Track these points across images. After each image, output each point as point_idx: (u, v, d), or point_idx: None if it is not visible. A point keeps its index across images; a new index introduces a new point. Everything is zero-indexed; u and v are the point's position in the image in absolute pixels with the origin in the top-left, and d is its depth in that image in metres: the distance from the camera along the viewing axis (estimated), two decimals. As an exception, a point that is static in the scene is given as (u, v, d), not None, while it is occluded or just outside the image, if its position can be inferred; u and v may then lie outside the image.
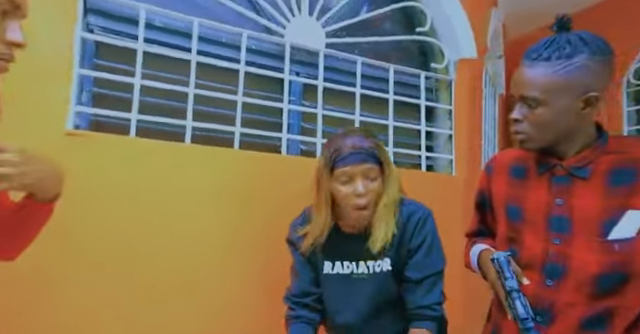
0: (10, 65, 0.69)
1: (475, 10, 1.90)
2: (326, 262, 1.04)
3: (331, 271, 1.04)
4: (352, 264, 1.03)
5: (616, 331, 0.81)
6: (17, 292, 1.05)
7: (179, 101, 1.33)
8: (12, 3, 0.66)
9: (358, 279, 1.02)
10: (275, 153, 1.43)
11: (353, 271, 1.03)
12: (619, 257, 0.81)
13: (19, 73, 0.72)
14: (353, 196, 0.95)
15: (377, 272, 1.02)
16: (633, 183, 0.83)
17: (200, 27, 1.36)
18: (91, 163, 1.15)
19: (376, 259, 1.01)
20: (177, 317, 1.23)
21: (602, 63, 0.83)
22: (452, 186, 1.73)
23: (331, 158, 0.95)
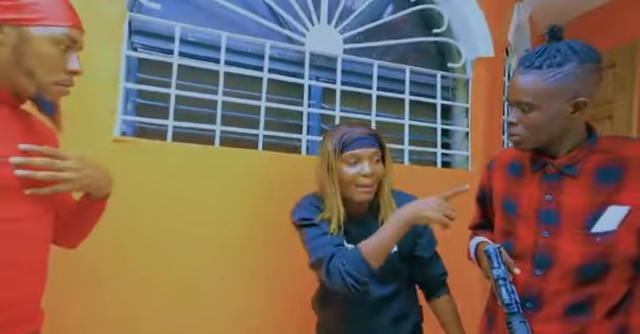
0: (70, 89, 0.87)
1: (494, 7, 1.94)
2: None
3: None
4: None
5: (596, 316, 0.88)
6: (75, 284, 1.25)
7: (209, 108, 1.49)
8: (72, 40, 0.83)
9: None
10: (296, 153, 1.56)
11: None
12: (600, 249, 0.88)
13: (74, 88, 0.89)
14: (360, 176, 1.04)
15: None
16: (617, 181, 0.89)
17: (228, 40, 1.51)
18: (135, 166, 1.33)
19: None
20: (207, 320, 1.39)
21: (590, 70, 0.90)
22: (468, 181, 1.77)
23: (340, 142, 1.04)
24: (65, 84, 0.85)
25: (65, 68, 0.83)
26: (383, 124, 1.76)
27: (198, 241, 1.39)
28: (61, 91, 0.85)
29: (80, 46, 0.86)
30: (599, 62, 0.91)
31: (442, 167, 1.83)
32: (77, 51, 0.85)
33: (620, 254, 0.87)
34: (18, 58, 0.78)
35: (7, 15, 0.77)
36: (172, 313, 1.35)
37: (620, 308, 0.89)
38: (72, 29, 0.83)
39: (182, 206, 1.38)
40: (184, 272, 1.37)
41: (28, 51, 0.79)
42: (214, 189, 1.42)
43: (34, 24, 0.78)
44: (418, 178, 1.72)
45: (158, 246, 1.34)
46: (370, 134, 1.07)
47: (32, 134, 0.86)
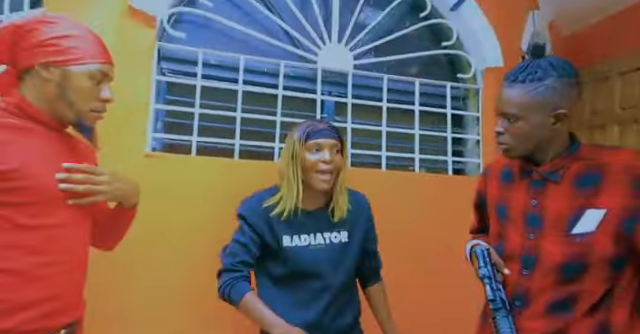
0: (104, 114, 1.03)
1: (503, 18, 1.99)
2: (285, 236, 1.18)
3: (290, 244, 1.18)
4: (310, 236, 1.20)
5: (578, 313, 0.93)
6: (113, 279, 1.42)
7: (229, 124, 1.64)
8: (104, 74, 0.98)
9: (315, 250, 1.19)
10: (310, 163, 1.68)
11: (310, 243, 1.19)
12: (578, 249, 0.93)
13: (111, 110, 1.05)
14: (320, 162, 1.14)
15: (334, 242, 1.20)
16: (595, 185, 0.95)
17: (245, 61, 1.66)
18: (164, 177, 1.50)
19: (332, 231, 1.20)
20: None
21: (568, 84, 0.96)
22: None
23: (305, 132, 1.16)
24: (99, 111, 1.00)
25: (99, 97, 0.99)
26: (395, 134, 1.85)
27: (220, 242, 1.53)
28: (96, 117, 1.01)
29: (111, 78, 1.01)
30: (576, 76, 0.98)
31: (454, 174, 1.89)
32: (108, 82, 1.01)
33: (597, 254, 0.92)
34: (61, 92, 0.94)
35: (53, 58, 0.92)
36: (194, 304, 1.49)
37: (601, 306, 0.93)
38: (104, 65, 0.98)
39: (205, 211, 1.52)
40: (205, 269, 1.51)
41: (69, 86, 0.94)
42: (234, 196, 1.55)
43: (73, 63, 0.94)
44: (431, 185, 1.80)
45: (183, 246, 1.49)
46: (331, 128, 1.18)
47: (74, 153, 1.02)
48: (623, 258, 0.93)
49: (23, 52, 0.93)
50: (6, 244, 0.86)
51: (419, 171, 1.86)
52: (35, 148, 0.93)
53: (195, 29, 1.67)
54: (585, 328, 0.93)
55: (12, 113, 0.93)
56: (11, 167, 0.86)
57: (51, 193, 0.92)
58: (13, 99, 0.94)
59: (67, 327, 0.95)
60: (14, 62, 0.95)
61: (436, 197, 1.75)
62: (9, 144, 0.88)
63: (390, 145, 1.83)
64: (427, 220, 1.72)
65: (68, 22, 0.97)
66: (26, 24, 0.92)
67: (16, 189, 0.87)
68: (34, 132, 0.94)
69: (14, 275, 0.87)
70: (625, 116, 2.51)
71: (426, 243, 1.66)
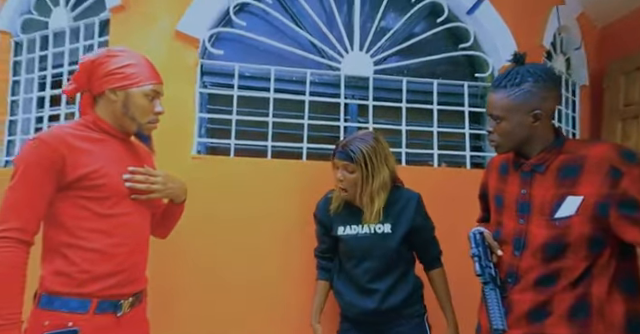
0: (157, 125, 1.28)
1: (521, 18, 2.07)
2: (339, 227, 1.48)
3: (342, 233, 1.47)
4: (358, 226, 1.46)
5: (560, 287, 1.06)
6: (172, 261, 1.67)
7: (262, 128, 1.86)
8: (156, 92, 1.24)
9: (362, 237, 1.44)
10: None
11: (358, 232, 1.45)
12: (559, 231, 1.06)
13: (163, 119, 1.29)
14: (337, 180, 1.43)
15: (378, 232, 1.43)
16: (575, 176, 1.07)
17: (276, 72, 1.87)
18: (208, 176, 1.74)
19: (376, 223, 1.43)
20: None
21: (544, 88, 1.10)
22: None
23: (333, 151, 1.46)
24: (154, 122, 1.27)
25: (153, 111, 1.24)
26: (415, 132, 1.99)
27: (258, 232, 1.75)
28: (152, 127, 1.27)
29: (161, 94, 1.27)
30: (551, 81, 1.10)
31: (473, 168, 1.99)
32: (159, 98, 1.26)
33: (575, 235, 1.04)
34: (125, 110, 1.19)
35: (119, 84, 1.18)
36: (237, 293, 1.72)
37: (581, 281, 1.05)
38: (156, 85, 1.23)
39: (243, 204, 1.75)
40: (249, 259, 1.74)
41: (131, 104, 1.19)
42: (267, 191, 1.77)
43: (134, 86, 1.19)
44: (451, 178, 1.92)
45: (227, 236, 1.73)
46: (346, 149, 1.40)
47: (136, 157, 1.29)
48: (600, 239, 1.04)
49: (96, 81, 1.19)
50: (90, 229, 1.12)
51: (439, 166, 1.99)
52: (107, 154, 1.18)
53: (232, 46, 1.90)
54: (567, 299, 1.05)
55: (91, 128, 1.20)
56: (92, 169, 1.12)
57: (120, 189, 1.17)
58: (90, 117, 1.21)
59: (133, 295, 1.20)
60: (90, 89, 1.22)
61: (455, 190, 1.86)
62: (90, 152, 1.14)
63: (411, 142, 1.97)
64: (447, 211, 1.84)
65: (128, 53, 1.23)
66: (97, 58, 1.19)
67: (96, 186, 1.12)
68: (107, 142, 1.20)
69: (95, 252, 1.12)
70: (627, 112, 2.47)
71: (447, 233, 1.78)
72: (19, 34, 2.13)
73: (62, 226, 1.11)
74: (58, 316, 1.07)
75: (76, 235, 1.11)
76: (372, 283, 1.43)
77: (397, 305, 1.42)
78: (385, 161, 1.42)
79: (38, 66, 2.07)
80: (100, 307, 1.11)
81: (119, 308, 1.15)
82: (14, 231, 1.04)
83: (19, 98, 2.10)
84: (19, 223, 1.04)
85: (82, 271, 1.10)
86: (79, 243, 1.11)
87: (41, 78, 2.08)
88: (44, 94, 2.04)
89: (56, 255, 1.11)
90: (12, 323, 1.01)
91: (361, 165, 1.38)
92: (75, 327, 1.06)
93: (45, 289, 1.10)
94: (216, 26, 1.88)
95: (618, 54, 2.60)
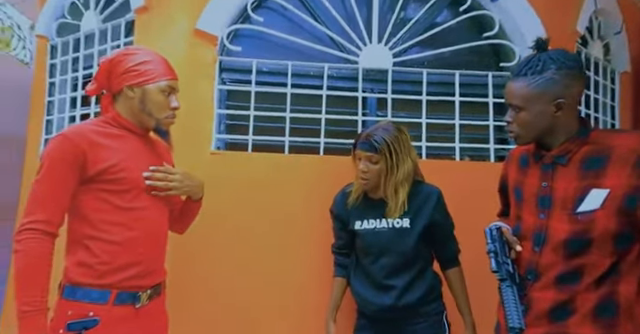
0: (175, 120, 1.31)
1: (552, 2, 1.96)
2: (357, 221, 1.46)
3: (360, 227, 1.45)
4: (376, 221, 1.43)
5: (583, 285, 1.01)
6: (191, 255, 1.72)
7: (279, 123, 1.86)
8: (171, 88, 1.27)
9: (380, 231, 1.42)
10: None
11: (376, 226, 1.43)
12: (582, 226, 1.00)
13: (182, 115, 1.33)
14: (360, 171, 1.40)
15: (396, 227, 1.41)
16: (601, 167, 1.01)
17: (293, 67, 1.87)
18: (227, 171, 1.77)
19: (395, 217, 1.40)
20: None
21: (567, 76, 1.04)
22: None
23: (354, 142, 1.44)
24: (171, 117, 1.30)
25: (170, 106, 1.27)
26: (436, 125, 1.93)
27: (276, 226, 1.76)
28: (169, 122, 1.30)
29: (177, 90, 1.30)
30: (575, 68, 1.03)
31: (498, 161, 1.91)
32: (175, 94, 1.29)
33: (599, 230, 0.98)
34: (142, 106, 1.23)
35: (135, 80, 1.22)
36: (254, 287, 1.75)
37: (607, 279, 0.99)
38: (171, 80, 1.26)
39: (262, 198, 1.77)
40: (267, 254, 1.76)
41: (147, 100, 1.23)
42: (285, 186, 1.78)
43: (150, 83, 1.22)
44: (473, 172, 1.85)
45: (245, 230, 1.76)
46: (370, 139, 1.36)
47: (155, 152, 1.33)
48: (627, 234, 0.97)
49: (115, 79, 1.23)
50: (110, 221, 1.17)
51: (462, 159, 1.92)
52: (127, 149, 1.22)
53: (249, 42, 1.92)
54: (592, 298, 1.00)
55: (111, 125, 1.25)
56: (112, 163, 1.16)
57: (138, 183, 1.21)
58: (110, 114, 1.26)
59: (152, 287, 1.24)
60: (109, 87, 1.27)
61: (478, 184, 1.79)
62: (110, 147, 1.19)
63: (431, 136, 1.92)
64: (470, 206, 1.78)
65: (143, 51, 1.27)
66: (115, 57, 1.24)
67: (116, 179, 1.17)
68: (126, 138, 1.25)
69: (115, 245, 1.16)
70: None
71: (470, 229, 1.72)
72: (54, 38, 2.25)
73: (85, 219, 1.16)
74: (80, 306, 1.12)
75: (97, 228, 1.15)
76: (389, 279, 1.40)
77: (414, 302, 1.39)
78: (408, 152, 1.40)
79: (71, 68, 2.18)
80: (119, 298, 1.15)
81: (137, 300, 1.19)
82: (40, 223, 1.09)
83: (54, 99, 2.23)
84: (44, 215, 1.10)
85: (102, 263, 1.15)
86: (100, 235, 1.15)
87: (73, 79, 2.19)
88: (76, 95, 2.14)
89: (79, 247, 1.16)
90: (37, 310, 1.05)
91: (385, 155, 1.36)
92: (96, 317, 1.11)
93: (68, 280, 1.16)
94: (234, 23, 1.91)
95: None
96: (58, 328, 1.10)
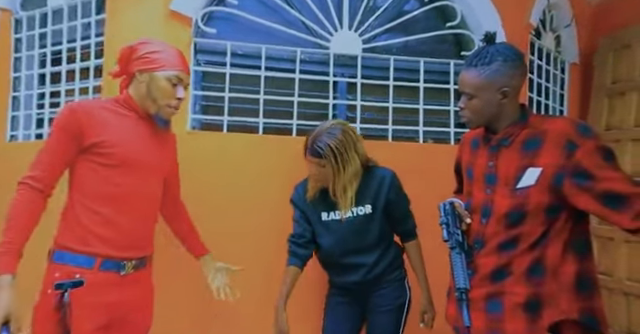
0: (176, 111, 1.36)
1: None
2: (323, 213, 1.55)
3: (327, 218, 1.55)
4: (341, 211, 1.52)
5: (519, 251, 1.16)
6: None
7: (253, 105, 1.94)
8: (179, 79, 1.32)
9: (347, 220, 1.52)
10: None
11: (342, 216, 1.52)
12: (519, 200, 1.16)
13: None
14: (311, 174, 1.51)
15: (360, 214, 1.52)
16: (536, 148, 1.16)
17: (267, 50, 1.93)
18: (203, 151, 1.83)
19: (358, 206, 1.51)
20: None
21: (511, 67, 1.17)
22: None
23: (304, 146, 1.51)
24: (174, 106, 1.34)
25: (174, 95, 1.32)
26: (401, 110, 2.06)
27: (249, 203, 1.86)
28: (170, 112, 1.35)
29: (186, 83, 1.35)
30: (518, 60, 1.17)
31: (457, 144, 2.07)
32: (184, 86, 1.34)
33: (533, 204, 1.14)
34: (148, 92, 1.29)
35: (144, 66, 1.28)
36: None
37: (538, 244, 1.15)
38: (180, 72, 1.32)
39: (236, 177, 1.85)
40: (240, 229, 1.85)
41: (153, 86, 1.29)
42: (258, 165, 1.87)
43: (157, 70, 1.28)
44: (436, 154, 2.01)
45: (220, 207, 1.84)
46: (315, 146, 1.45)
47: (159, 139, 1.38)
48: (556, 206, 1.13)
49: (130, 64, 1.31)
50: (99, 193, 1.25)
51: (425, 141, 2.07)
52: (127, 129, 1.30)
53: (224, 24, 1.96)
54: (525, 261, 1.16)
55: (120, 104, 1.32)
56: (105, 138, 1.24)
57: (129, 160, 1.28)
58: (122, 96, 1.34)
59: (137, 259, 1.31)
60: (127, 72, 1.34)
61: (440, 164, 1.95)
62: (109, 123, 1.26)
63: (397, 119, 2.05)
64: (432, 185, 1.93)
65: (160, 43, 1.36)
66: (133, 45, 1.31)
67: (106, 154, 1.24)
68: (130, 118, 1.32)
69: (100, 216, 1.24)
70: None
71: (433, 205, 1.88)
72: (19, 11, 2.19)
73: (78, 186, 1.26)
74: (68, 269, 1.21)
75: (87, 197, 1.24)
76: (358, 259, 1.53)
77: (380, 274, 1.55)
78: (355, 150, 1.46)
79: (38, 43, 2.14)
80: (104, 265, 1.23)
81: (122, 268, 1.26)
82: (30, 178, 1.19)
83: (21, 75, 2.18)
84: (36, 173, 1.20)
85: (88, 231, 1.23)
86: (88, 204, 1.24)
87: (41, 55, 2.15)
88: (45, 71, 2.12)
89: (70, 213, 1.25)
90: (7, 251, 1.12)
91: (330, 160, 1.43)
92: (81, 278, 1.18)
93: (57, 244, 1.24)
94: (209, 5, 1.93)
95: (611, 31, 2.63)
96: (46, 289, 1.19)
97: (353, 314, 1.60)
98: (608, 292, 2.35)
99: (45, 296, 1.19)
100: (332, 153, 1.42)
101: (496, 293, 1.18)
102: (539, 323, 1.13)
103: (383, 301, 1.56)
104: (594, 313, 1.13)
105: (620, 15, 2.58)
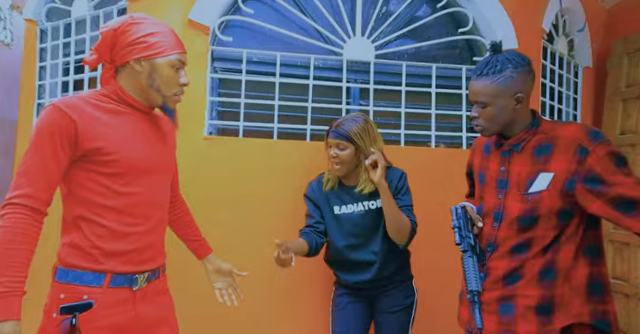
0: (181, 97, 1.21)
1: (520, 3, 2.12)
2: (335, 206, 1.60)
3: (339, 212, 1.59)
4: (353, 205, 1.58)
5: (531, 254, 1.18)
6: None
7: (268, 110, 1.98)
8: (181, 62, 1.16)
9: (359, 214, 1.57)
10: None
11: (354, 210, 1.57)
12: (531, 204, 1.17)
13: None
14: (331, 157, 1.55)
15: (371, 208, 1.56)
16: (548, 154, 1.18)
17: (281, 57, 1.98)
18: (219, 155, 1.88)
19: (370, 200, 1.55)
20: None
21: (522, 73, 1.19)
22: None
23: (326, 132, 1.57)
24: (179, 94, 1.19)
25: (178, 83, 1.17)
26: (414, 114, 2.09)
27: (264, 206, 1.90)
28: (177, 100, 1.20)
29: (185, 64, 1.18)
30: (527, 66, 1.19)
31: (469, 148, 2.09)
32: (184, 68, 1.18)
33: (545, 208, 1.15)
34: (151, 82, 1.12)
35: (143, 53, 1.09)
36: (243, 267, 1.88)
37: (550, 248, 1.17)
38: (181, 54, 1.16)
39: (251, 181, 1.90)
40: (255, 232, 1.89)
41: (156, 75, 1.11)
42: (274, 169, 1.92)
43: (159, 56, 1.11)
44: (448, 159, 2.03)
45: (235, 211, 1.89)
46: (339, 129, 1.51)
47: (159, 132, 1.22)
48: (568, 211, 1.15)
49: (120, 51, 1.10)
50: (104, 206, 1.08)
51: (437, 146, 2.09)
52: (127, 128, 1.11)
53: (240, 33, 2.01)
54: (537, 264, 1.17)
55: (112, 99, 1.13)
56: (106, 143, 1.06)
57: (135, 166, 1.11)
58: (112, 87, 1.13)
59: (149, 271, 1.17)
60: (112, 60, 1.13)
61: (452, 169, 1.97)
62: (108, 124, 1.08)
63: (410, 124, 2.08)
64: (444, 188, 1.95)
65: (151, 20, 1.14)
66: (120, 26, 1.10)
67: (108, 162, 1.07)
68: (128, 115, 1.13)
69: (108, 230, 1.08)
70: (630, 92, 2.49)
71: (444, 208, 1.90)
72: (44, 22, 2.28)
73: (78, 199, 1.08)
74: (73, 289, 1.05)
75: (91, 210, 1.07)
76: (368, 256, 1.56)
77: (390, 274, 1.58)
78: (374, 141, 1.54)
79: (62, 52, 2.23)
80: (115, 281, 1.08)
81: (134, 282, 1.12)
82: (25, 198, 0.99)
83: (45, 83, 2.27)
84: (31, 190, 1.00)
85: (95, 247, 1.07)
86: (94, 218, 1.07)
87: (65, 64, 2.24)
88: (68, 79, 2.20)
89: (72, 227, 1.08)
90: (10, 291, 0.95)
91: (352, 142, 1.50)
92: (90, 300, 1.04)
93: (61, 261, 1.09)
94: (225, 14, 1.99)
95: (625, 35, 2.61)
96: (51, 312, 1.04)
97: (363, 314, 1.63)
98: (624, 297, 2.33)
99: (50, 320, 1.03)
100: (355, 136, 1.50)
101: (508, 296, 1.20)
102: (551, 326, 1.14)
103: (392, 301, 1.60)
104: (606, 316, 1.14)
105: (634, 18, 2.58)
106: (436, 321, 1.82)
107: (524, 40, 2.11)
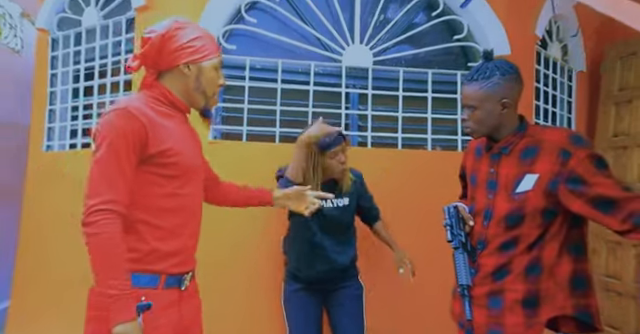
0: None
1: (516, 9, 2.20)
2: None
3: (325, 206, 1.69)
4: (336, 199, 1.70)
5: (518, 251, 1.25)
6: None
7: (270, 115, 2.07)
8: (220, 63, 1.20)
9: (335, 209, 1.71)
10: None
11: (331, 206, 1.70)
12: (518, 204, 1.25)
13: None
14: (341, 163, 1.67)
15: (340, 206, 1.72)
16: (533, 156, 1.25)
17: (283, 64, 2.07)
18: (224, 159, 1.96)
19: (337, 197, 1.70)
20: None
21: (510, 80, 1.27)
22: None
23: (327, 144, 1.63)
24: (217, 94, 1.23)
25: (218, 83, 1.20)
26: (410, 119, 2.17)
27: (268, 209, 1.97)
28: (216, 101, 1.25)
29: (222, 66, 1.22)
30: (515, 73, 1.27)
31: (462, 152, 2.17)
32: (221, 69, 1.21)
33: (530, 207, 1.23)
34: (197, 84, 1.15)
35: (191, 58, 1.12)
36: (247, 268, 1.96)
37: (535, 245, 1.24)
38: (219, 56, 1.20)
39: (255, 183, 1.93)
40: (259, 231, 1.97)
41: (203, 78, 1.15)
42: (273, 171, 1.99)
43: (204, 59, 1.14)
44: (444, 161, 2.09)
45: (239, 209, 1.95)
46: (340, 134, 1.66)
47: (194, 134, 1.27)
48: (552, 210, 1.22)
49: (168, 55, 1.12)
50: (161, 207, 1.10)
51: (434, 149, 2.17)
52: (179, 131, 1.15)
53: (244, 41, 2.10)
54: (523, 260, 1.25)
55: (161, 102, 1.14)
56: (169, 146, 1.08)
57: (189, 168, 1.15)
58: (159, 90, 1.14)
59: (192, 271, 1.21)
60: (157, 64, 1.14)
61: (447, 171, 2.04)
62: (167, 128, 1.10)
63: (407, 128, 2.16)
64: (439, 190, 2.02)
65: (193, 24, 1.18)
66: (167, 31, 1.11)
67: (169, 164, 1.09)
68: (176, 118, 1.16)
69: (164, 231, 1.11)
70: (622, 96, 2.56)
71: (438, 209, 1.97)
72: (55, 31, 2.38)
73: (137, 202, 1.07)
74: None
75: (149, 212, 1.09)
76: (333, 248, 1.70)
77: (347, 265, 1.73)
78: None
79: (72, 60, 2.32)
80: (167, 282, 1.11)
81: (182, 283, 1.15)
82: (110, 203, 1.00)
83: (57, 89, 2.37)
84: (114, 195, 1.01)
85: (152, 249, 1.09)
86: (151, 220, 1.09)
87: (75, 71, 2.33)
88: (79, 85, 2.29)
89: (130, 231, 1.07)
90: (126, 293, 0.99)
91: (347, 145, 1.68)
92: (149, 301, 1.06)
93: None
94: (229, 23, 2.08)
95: (613, 40, 2.68)
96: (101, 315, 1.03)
97: (320, 309, 1.77)
98: (617, 296, 2.39)
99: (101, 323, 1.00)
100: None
101: (497, 291, 1.27)
102: (536, 318, 1.21)
103: (348, 292, 1.76)
104: (588, 309, 1.21)
105: (620, 24, 2.64)
106: (431, 316, 1.88)
107: (518, 46, 2.18)
